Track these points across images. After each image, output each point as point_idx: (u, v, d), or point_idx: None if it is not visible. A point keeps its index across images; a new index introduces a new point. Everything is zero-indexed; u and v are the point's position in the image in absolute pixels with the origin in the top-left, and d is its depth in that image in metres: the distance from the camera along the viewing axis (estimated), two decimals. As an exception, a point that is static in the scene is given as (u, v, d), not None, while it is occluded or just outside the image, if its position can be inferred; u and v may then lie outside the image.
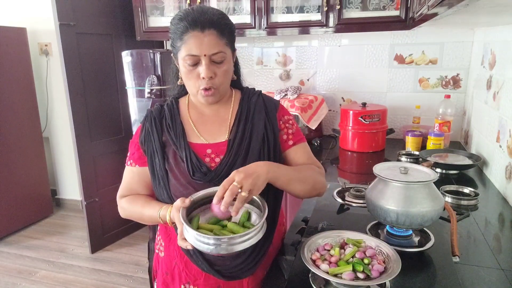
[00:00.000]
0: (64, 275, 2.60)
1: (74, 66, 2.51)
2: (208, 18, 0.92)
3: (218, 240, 0.80)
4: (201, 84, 0.96)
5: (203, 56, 0.93)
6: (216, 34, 0.93)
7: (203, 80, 0.95)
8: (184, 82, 1.01)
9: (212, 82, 0.96)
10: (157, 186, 1.03)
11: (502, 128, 1.52)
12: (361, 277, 0.82)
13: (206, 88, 0.96)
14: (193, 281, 1.05)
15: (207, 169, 0.97)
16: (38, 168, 3.37)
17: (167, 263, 1.09)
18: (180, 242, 0.87)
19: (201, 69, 0.94)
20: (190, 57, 0.93)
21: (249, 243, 0.81)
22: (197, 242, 0.81)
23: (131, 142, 1.09)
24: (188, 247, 0.85)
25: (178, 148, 1.00)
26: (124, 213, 1.08)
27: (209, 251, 0.81)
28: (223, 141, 1.02)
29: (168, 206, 0.95)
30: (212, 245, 0.80)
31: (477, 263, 0.99)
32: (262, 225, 0.85)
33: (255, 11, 2.24)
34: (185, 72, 0.97)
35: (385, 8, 2.07)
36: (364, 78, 2.44)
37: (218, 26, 0.93)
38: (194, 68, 0.95)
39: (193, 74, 0.96)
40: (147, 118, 1.06)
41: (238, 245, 0.80)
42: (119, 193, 1.10)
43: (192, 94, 1.03)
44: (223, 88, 1.01)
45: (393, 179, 1.00)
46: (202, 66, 0.94)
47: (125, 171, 1.10)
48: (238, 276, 1.01)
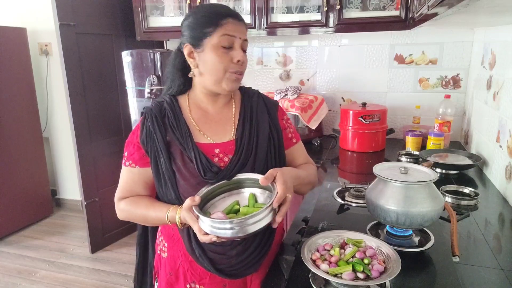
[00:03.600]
0: (64, 275, 2.60)
1: (74, 66, 2.51)
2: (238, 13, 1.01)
3: (232, 222, 0.81)
4: (233, 67, 0.97)
5: (238, 38, 0.97)
6: (245, 27, 1.00)
7: (237, 64, 0.97)
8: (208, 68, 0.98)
9: (242, 68, 1.00)
10: (163, 187, 1.01)
11: (502, 128, 1.52)
12: (361, 277, 0.82)
13: (238, 73, 0.99)
14: (199, 280, 1.05)
15: (218, 168, 0.97)
16: (38, 168, 3.37)
17: (170, 263, 1.09)
18: (202, 237, 0.86)
19: (236, 53, 0.97)
20: (228, 38, 0.96)
21: (263, 222, 0.83)
22: (215, 230, 0.83)
23: (128, 142, 1.06)
24: (212, 240, 0.85)
25: (185, 148, 0.98)
26: (124, 215, 1.05)
27: (228, 235, 0.82)
28: (230, 140, 1.03)
29: (176, 208, 0.95)
30: (229, 229, 0.82)
31: (477, 263, 0.99)
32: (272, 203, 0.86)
33: (255, 11, 2.24)
34: (217, 56, 0.96)
35: (385, 8, 2.07)
36: (364, 78, 2.44)
37: (244, 21, 1.01)
38: (227, 52, 0.97)
39: (225, 57, 0.97)
40: (147, 116, 1.02)
41: (253, 225, 0.82)
42: (118, 195, 1.06)
43: (214, 82, 0.99)
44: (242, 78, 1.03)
45: (393, 179, 1.00)
46: (237, 50, 0.97)
47: (123, 172, 1.06)
48: (242, 274, 1.02)
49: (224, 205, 0.95)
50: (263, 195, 0.96)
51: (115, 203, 1.06)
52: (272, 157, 1.04)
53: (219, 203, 0.97)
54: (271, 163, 1.03)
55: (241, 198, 0.97)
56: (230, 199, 0.97)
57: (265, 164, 1.01)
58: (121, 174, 1.07)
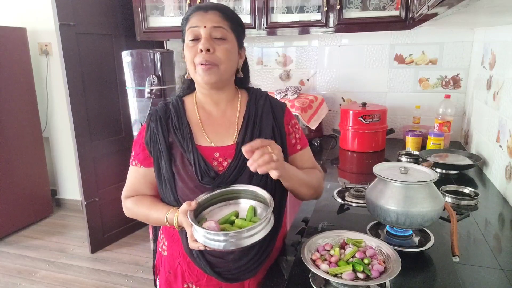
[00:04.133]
0: (64, 275, 2.60)
1: (74, 66, 2.51)
2: (214, 4, 0.98)
3: (227, 235, 0.80)
4: (198, 58, 0.94)
5: (203, 28, 0.94)
6: (219, 15, 0.96)
7: (201, 54, 0.93)
8: (187, 65, 0.99)
9: (210, 57, 0.93)
10: (163, 188, 1.01)
11: (502, 128, 1.52)
12: (361, 277, 0.82)
13: (203, 63, 0.93)
14: (196, 281, 1.05)
15: (215, 173, 0.96)
16: (38, 168, 3.37)
17: (170, 262, 1.09)
18: (192, 244, 0.86)
19: (200, 42, 0.94)
20: (191, 30, 0.95)
21: (258, 237, 0.81)
22: (207, 241, 0.82)
23: (135, 142, 1.07)
24: (200, 248, 0.85)
25: (185, 151, 0.98)
26: (129, 213, 1.08)
27: (220, 248, 0.81)
28: (231, 144, 1.01)
29: (175, 210, 0.95)
30: (222, 241, 0.80)
31: (477, 263, 0.99)
32: (269, 218, 0.85)
33: (255, 11, 2.24)
34: (187, 51, 0.96)
35: (385, 8, 2.07)
36: (364, 78, 2.44)
37: (222, 10, 0.97)
38: (194, 45, 0.95)
39: (192, 50, 0.95)
40: (152, 117, 1.03)
41: (247, 239, 0.81)
42: (124, 193, 1.09)
43: (192, 75, 0.99)
44: (224, 70, 0.96)
45: (393, 179, 1.00)
46: (201, 39, 0.94)
47: (130, 171, 1.08)
48: (239, 278, 1.00)
49: (222, 214, 0.94)
50: (260, 208, 0.94)
51: (122, 200, 1.09)
52: None
53: (217, 211, 0.95)
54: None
55: (240, 209, 0.95)
56: (229, 209, 0.96)
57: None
58: (128, 173, 1.09)
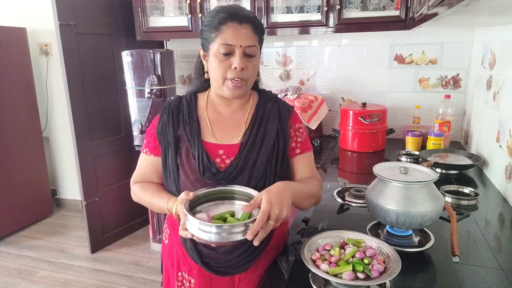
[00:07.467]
0: (64, 275, 2.60)
1: (74, 66, 2.51)
2: (246, 14, 0.98)
3: (219, 227, 0.82)
4: (230, 74, 0.98)
5: (239, 47, 0.96)
6: (252, 29, 0.98)
7: (234, 71, 0.97)
8: (211, 74, 1.02)
9: (242, 74, 0.98)
10: (167, 178, 1.06)
11: (502, 128, 1.52)
12: (361, 277, 0.82)
13: (236, 79, 0.98)
14: (188, 270, 1.09)
15: (216, 170, 1.00)
16: (38, 168, 3.37)
17: (169, 250, 1.14)
18: (181, 232, 0.90)
19: (234, 60, 0.96)
20: (225, 46, 0.96)
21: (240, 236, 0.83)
22: (199, 231, 0.83)
23: (148, 130, 1.12)
24: (188, 236, 0.88)
25: (192, 145, 1.03)
26: (135, 197, 1.13)
27: (211, 240, 0.83)
28: (236, 143, 1.04)
29: (175, 199, 0.98)
30: (214, 233, 0.82)
31: (477, 263, 0.98)
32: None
33: (255, 11, 2.23)
34: (216, 63, 0.98)
35: (385, 8, 2.07)
36: (364, 78, 2.44)
37: (253, 23, 0.98)
38: (226, 59, 0.97)
39: (224, 64, 0.97)
40: (165, 110, 1.08)
41: (237, 235, 0.83)
42: (133, 178, 1.15)
43: (217, 87, 1.02)
44: (249, 84, 1.03)
45: (393, 179, 1.00)
46: (236, 57, 0.96)
47: (140, 158, 1.13)
48: (229, 272, 1.03)
49: (217, 211, 0.95)
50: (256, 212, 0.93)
51: (130, 185, 1.15)
52: (273, 165, 1.03)
53: (213, 208, 0.97)
54: (271, 172, 1.03)
55: (237, 209, 0.96)
56: (225, 208, 0.97)
57: (264, 172, 1.02)
58: (139, 159, 1.15)
